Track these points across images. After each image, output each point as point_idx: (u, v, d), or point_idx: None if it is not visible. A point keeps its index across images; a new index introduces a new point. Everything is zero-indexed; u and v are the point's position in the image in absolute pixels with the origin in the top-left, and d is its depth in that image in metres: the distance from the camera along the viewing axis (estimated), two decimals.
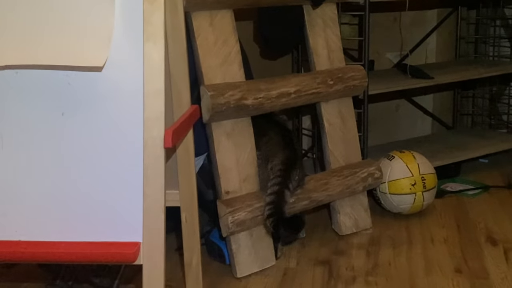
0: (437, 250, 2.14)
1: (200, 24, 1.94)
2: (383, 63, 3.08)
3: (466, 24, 3.28)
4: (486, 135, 3.09)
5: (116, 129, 1.28)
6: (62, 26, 1.26)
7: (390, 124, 3.19)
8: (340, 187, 2.20)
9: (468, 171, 2.90)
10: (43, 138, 1.30)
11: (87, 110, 1.29)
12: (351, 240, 2.24)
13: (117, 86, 1.28)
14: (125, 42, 1.27)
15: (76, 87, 1.29)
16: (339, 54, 2.28)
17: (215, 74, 1.96)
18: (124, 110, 1.28)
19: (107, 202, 1.28)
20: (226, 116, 1.96)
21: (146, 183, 1.26)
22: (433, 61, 3.19)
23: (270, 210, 1.90)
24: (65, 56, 1.25)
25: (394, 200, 2.39)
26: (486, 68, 2.88)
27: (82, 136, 1.29)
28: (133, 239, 1.26)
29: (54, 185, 1.30)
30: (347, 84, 2.23)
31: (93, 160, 1.29)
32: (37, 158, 1.30)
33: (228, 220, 1.92)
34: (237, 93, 1.95)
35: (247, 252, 1.99)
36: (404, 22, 2.96)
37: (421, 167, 2.41)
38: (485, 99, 3.33)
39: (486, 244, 2.17)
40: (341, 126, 2.27)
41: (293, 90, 2.10)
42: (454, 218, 2.42)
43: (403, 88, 2.61)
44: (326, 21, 2.25)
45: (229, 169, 1.98)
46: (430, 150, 2.76)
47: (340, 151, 2.27)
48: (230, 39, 1.99)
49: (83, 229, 1.28)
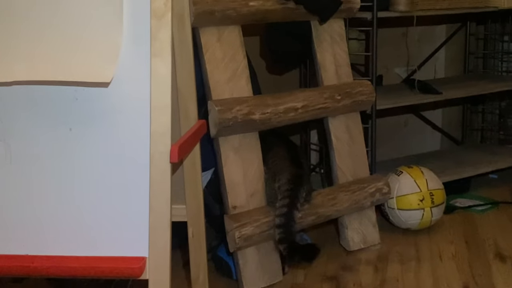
0: (445, 266, 2.12)
1: (208, 40, 1.95)
2: (391, 78, 3.07)
3: (475, 39, 3.28)
4: (496, 151, 3.07)
5: (123, 144, 1.29)
6: (70, 42, 1.28)
7: (399, 139, 3.18)
8: (348, 202, 2.20)
9: (478, 186, 2.88)
10: (51, 153, 1.31)
11: (94, 125, 1.30)
12: (359, 256, 2.23)
13: (124, 101, 1.29)
14: (132, 57, 1.28)
15: (84, 102, 1.30)
16: (346, 69, 2.28)
17: (222, 89, 1.97)
18: (131, 125, 1.29)
19: (113, 216, 1.28)
20: (233, 131, 1.96)
21: (152, 198, 1.26)
22: (442, 76, 3.19)
23: (280, 234, 1.90)
24: (73, 72, 1.26)
25: (403, 216, 2.38)
26: (494, 83, 2.88)
27: (89, 151, 1.30)
28: (139, 254, 1.26)
29: (62, 200, 1.30)
30: (355, 99, 2.24)
31: (100, 174, 1.30)
32: (45, 173, 1.31)
33: (235, 235, 1.91)
34: (244, 108, 1.96)
35: (254, 267, 1.98)
36: (413, 37, 2.96)
37: (429, 182, 2.40)
38: (495, 114, 3.31)
39: (495, 260, 2.15)
40: (348, 141, 2.27)
41: (300, 105, 2.10)
42: (462, 234, 2.40)
43: (410, 103, 2.61)
44: (333, 36, 2.25)
45: (236, 184, 1.98)
46: (439, 165, 2.75)
47: (348, 166, 2.27)
48: (238, 55, 2.00)
49: (89, 244, 1.28)
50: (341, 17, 2.27)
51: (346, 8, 2.23)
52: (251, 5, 2.01)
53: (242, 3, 1.99)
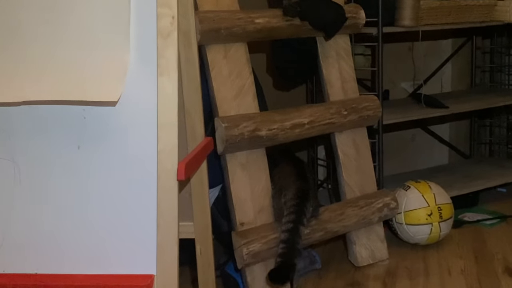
0: (454, 282, 2.11)
1: (214, 57, 1.96)
2: (398, 93, 3.08)
3: (481, 53, 3.28)
4: (504, 164, 3.06)
5: (130, 162, 1.30)
6: (78, 62, 1.29)
7: (406, 154, 3.17)
8: (356, 218, 2.19)
9: (486, 200, 2.87)
10: (59, 171, 1.32)
11: (102, 143, 1.31)
12: (368, 272, 2.22)
13: (131, 120, 1.30)
14: (139, 76, 1.29)
15: (92, 121, 1.31)
16: (353, 84, 2.29)
17: (229, 106, 1.98)
18: (138, 143, 1.30)
19: (120, 234, 1.29)
20: (240, 148, 1.97)
21: (159, 216, 1.27)
22: (448, 90, 3.19)
23: (283, 249, 1.89)
24: (81, 91, 1.27)
25: (411, 231, 2.37)
26: (502, 97, 2.87)
27: (97, 169, 1.31)
28: (147, 271, 1.26)
29: (69, 218, 1.31)
30: (361, 114, 2.24)
31: (107, 192, 1.30)
32: (53, 192, 1.32)
33: (243, 252, 1.91)
34: (251, 125, 1.97)
35: (262, 284, 1.98)
36: (419, 52, 2.97)
37: (437, 197, 2.39)
38: (503, 127, 3.30)
39: (504, 275, 2.14)
40: (355, 156, 2.27)
41: (307, 121, 2.10)
42: (471, 248, 2.39)
43: (417, 118, 2.61)
44: (339, 52, 2.26)
45: (244, 201, 1.98)
46: (447, 179, 2.74)
47: (355, 182, 2.27)
48: (244, 71, 2.02)
49: (97, 262, 1.28)
50: (346, 32, 2.28)
51: (352, 24, 2.24)
52: (257, 22, 2.02)
53: (248, 20, 2.00)
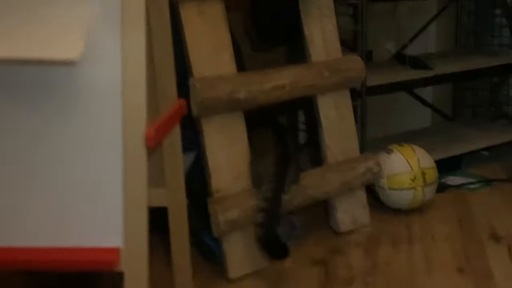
0: (438, 248, 2.06)
1: (188, 14, 1.85)
2: (382, 54, 2.99)
3: (466, 13, 3.20)
4: (487, 127, 3.01)
5: (94, 127, 1.19)
6: (33, 19, 1.17)
7: (388, 116, 3.10)
8: (337, 183, 2.12)
9: (469, 164, 2.82)
10: (17, 136, 1.21)
11: (63, 106, 1.19)
12: (349, 238, 2.15)
13: (94, 81, 1.19)
14: (103, 33, 1.18)
15: (52, 83, 1.20)
16: (335, 44, 2.19)
17: (204, 66, 1.87)
18: (103, 107, 1.19)
19: (84, 205, 1.19)
20: (216, 111, 1.87)
21: (126, 185, 1.16)
22: (433, 51, 3.11)
23: (262, 218, 1.82)
24: (38, 49, 1.15)
25: (394, 196, 2.31)
26: (486, 58, 2.81)
27: (58, 135, 1.20)
28: (112, 244, 1.17)
29: (29, 188, 1.20)
30: (344, 76, 2.15)
31: (70, 160, 1.20)
32: (10, 158, 1.21)
33: (219, 219, 1.83)
34: (228, 86, 1.87)
35: (239, 252, 1.91)
36: (403, 11, 2.88)
37: (421, 161, 2.32)
38: (486, 90, 3.24)
39: (489, 241, 2.09)
40: (338, 120, 2.18)
41: (287, 83, 2.01)
42: (455, 213, 2.34)
43: (401, 79, 2.53)
44: (321, 9, 2.16)
45: (220, 166, 1.89)
46: (430, 142, 2.67)
47: (337, 145, 2.18)
48: (221, 29, 1.91)
49: (58, 234, 1.18)
50: None
51: None
52: None
53: None
